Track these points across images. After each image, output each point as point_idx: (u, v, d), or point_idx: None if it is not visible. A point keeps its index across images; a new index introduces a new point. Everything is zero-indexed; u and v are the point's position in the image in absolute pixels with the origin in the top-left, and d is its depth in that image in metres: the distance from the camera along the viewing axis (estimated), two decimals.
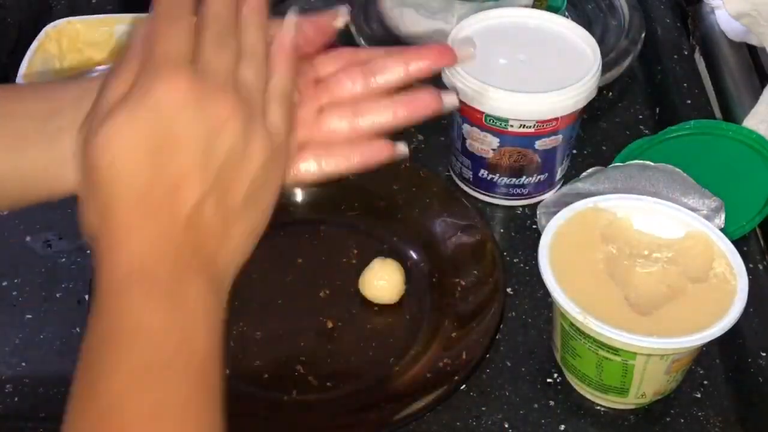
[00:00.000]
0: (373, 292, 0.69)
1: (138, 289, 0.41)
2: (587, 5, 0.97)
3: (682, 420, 0.64)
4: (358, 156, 0.50)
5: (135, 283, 0.41)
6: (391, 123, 0.51)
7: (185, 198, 0.42)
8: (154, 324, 0.40)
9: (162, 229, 0.42)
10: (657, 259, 0.62)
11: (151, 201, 0.42)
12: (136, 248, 0.42)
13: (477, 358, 0.63)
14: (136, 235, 0.42)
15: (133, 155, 0.42)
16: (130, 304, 0.41)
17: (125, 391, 0.39)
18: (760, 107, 0.78)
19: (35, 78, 0.80)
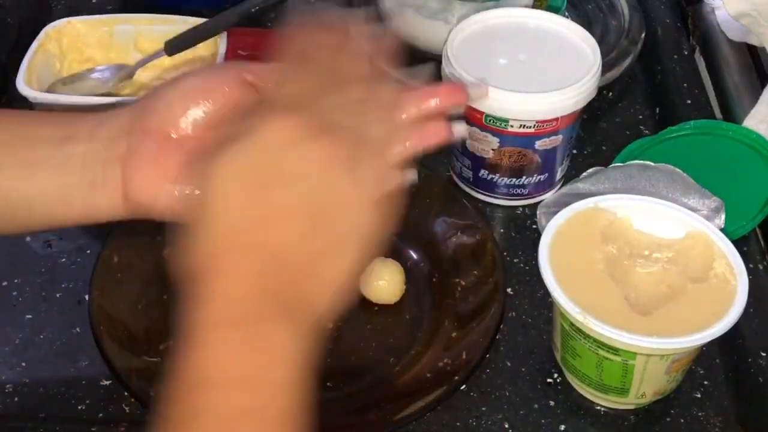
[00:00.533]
0: (373, 292, 0.69)
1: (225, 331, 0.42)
2: (587, 5, 0.97)
3: (682, 420, 0.64)
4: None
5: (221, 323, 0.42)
6: (401, 153, 0.50)
7: (280, 237, 0.43)
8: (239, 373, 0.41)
9: (256, 270, 0.43)
10: (657, 259, 0.62)
11: (248, 236, 0.43)
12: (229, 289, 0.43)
13: (477, 358, 0.63)
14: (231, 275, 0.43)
15: (236, 190, 0.44)
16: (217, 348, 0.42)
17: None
18: (760, 107, 0.78)
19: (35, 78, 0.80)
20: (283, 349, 0.42)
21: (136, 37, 0.85)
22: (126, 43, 0.85)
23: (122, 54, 0.85)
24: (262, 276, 0.43)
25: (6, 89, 0.86)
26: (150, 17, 0.85)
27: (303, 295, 0.44)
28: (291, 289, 0.43)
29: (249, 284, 0.43)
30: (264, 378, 0.41)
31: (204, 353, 0.41)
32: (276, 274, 0.43)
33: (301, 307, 0.44)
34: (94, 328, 0.63)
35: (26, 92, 0.77)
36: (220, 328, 0.42)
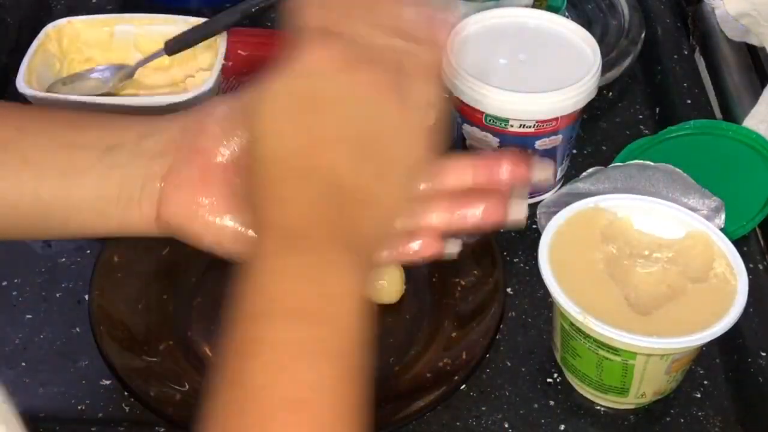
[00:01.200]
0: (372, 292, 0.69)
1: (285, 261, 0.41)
2: (587, 5, 0.97)
3: (682, 420, 0.64)
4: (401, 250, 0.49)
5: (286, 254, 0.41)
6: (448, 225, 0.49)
7: (331, 162, 0.43)
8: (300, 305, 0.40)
9: (312, 196, 0.43)
10: (657, 259, 0.62)
11: (303, 166, 0.43)
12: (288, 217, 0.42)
13: (477, 358, 0.63)
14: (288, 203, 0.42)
15: (285, 119, 0.44)
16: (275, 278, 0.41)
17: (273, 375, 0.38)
18: (760, 107, 0.78)
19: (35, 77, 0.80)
20: (343, 280, 0.41)
21: (136, 37, 0.85)
22: (126, 43, 0.85)
23: (122, 54, 0.85)
24: (317, 202, 0.42)
25: (6, 89, 0.86)
26: (150, 17, 0.85)
27: (358, 221, 0.43)
28: (347, 215, 0.43)
29: (305, 210, 0.42)
30: (324, 309, 0.40)
31: (262, 282, 0.41)
32: (331, 199, 0.43)
33: (358, 235, 0.43)
34: (94, 328, 0.63)
35: (26, 92, 0.77)
36: (279, 255, 0.41)
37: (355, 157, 0.44)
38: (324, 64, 0.44)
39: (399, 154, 0.45)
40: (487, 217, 0.49)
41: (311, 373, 0.39)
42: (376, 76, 0.45)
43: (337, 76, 0.44)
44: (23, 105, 0.66)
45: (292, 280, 0.41)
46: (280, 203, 0.43)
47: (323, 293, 0.41)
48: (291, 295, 0.40)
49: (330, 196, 0.43)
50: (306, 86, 0.44)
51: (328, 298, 0.41)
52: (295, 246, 0.41)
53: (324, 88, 0.44)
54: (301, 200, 0.43)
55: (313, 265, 0.41)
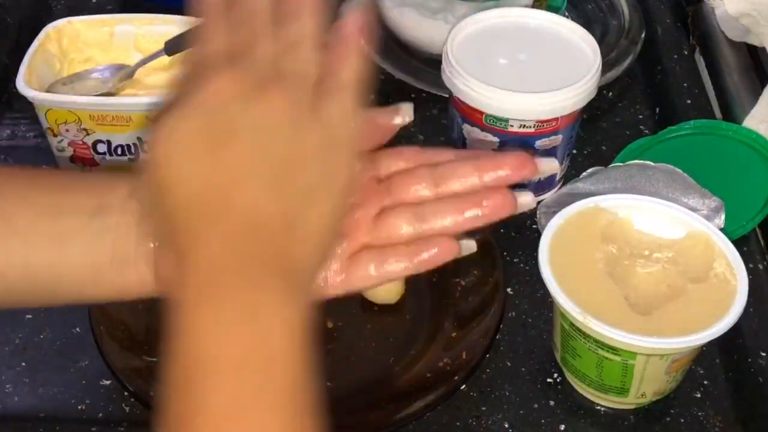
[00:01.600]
0: (373, 292, 0.69)
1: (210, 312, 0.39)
2: (587, 5, 0.97)
3: (682, 420, 0.64)
4: (420, 257, 0.48)
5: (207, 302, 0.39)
6: (458, 227, 0.48)
7: (242, 196, 0.40)
8: (231, 354, 0.38)
9: (225, 234, 0.40)
10: (657, 259, 0.62)
11: (210, 204, 0.40)
12: (203, 260, 0.40)
13: (477, 358, 0.63)
14: (200, 245, 0.40)
15: (186, 158, 0.41)
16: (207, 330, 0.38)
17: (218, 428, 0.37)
18: (760, 107, 0.78)
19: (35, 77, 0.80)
20: (278, 316, 0.39)
21: (136, 37, 0.85)
22: (126, 43, 0.85)
23: (122, 54, 0.85)
24: (238, 241, 0.40)
25: (6, 89, 0.86)
26: (150, 17, 0.85)
27: (286, 252, 0.41)
28: (272, 250, 0.40)
29: (227, 252, 0.39)
30: (263, 353, 0.38)
31: (194, 337, 0.38)
32: (252, 237, 0.40)
33: (288, 267, 0.40)
34: (94, 328, 0.63)
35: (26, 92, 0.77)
36: (205, 304, 0.39)
37: (274, 186, 0.41)
38: (222, 96, 0.41)
39: (324, 175, 0.42)
40: (497, 210, 0.47)
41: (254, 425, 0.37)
42: (286, 97, 0.42)
43: (237, 107, 0.41)
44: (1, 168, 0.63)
45: (219, 337, 0.38)
46: (197, 248, 0.40)
47: (254, 337, 0.38)
48: (226, 345, 0.38)
49: (251, 229, 0.40)
50: (206, 120, 0.41)
51: (261, 342, 0.38)
52: (219, 290, 0.39)
53: (225, 122, 0.41)
54: (219, 240, 0.40)
55: (240, 308, 0.39)
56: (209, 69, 0.42)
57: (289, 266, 0.41)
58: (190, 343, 0.38)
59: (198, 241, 0.40)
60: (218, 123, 0.41)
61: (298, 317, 0.40)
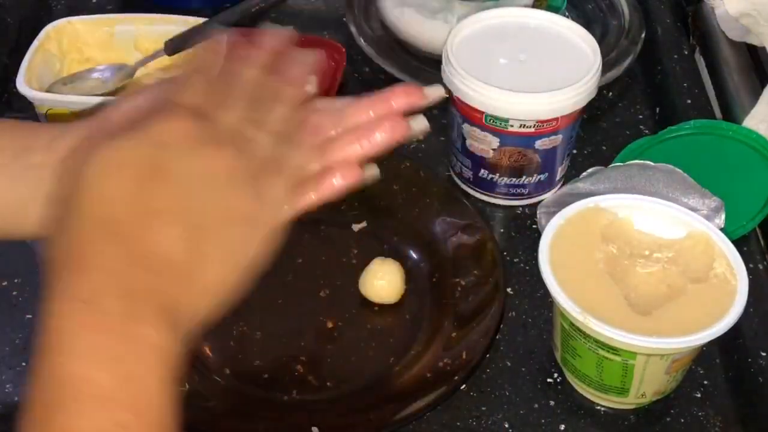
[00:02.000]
0: (373, 292, 0.69)
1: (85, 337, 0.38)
2: (587, 5, 0.97)
3: (682, 420, 0.64)
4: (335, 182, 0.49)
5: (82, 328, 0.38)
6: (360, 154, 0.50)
7: (154, 231, 0.41)
8: (102, 384, 0.38)
9: (124, 257, 0.40)
10: (657, 259, 0.62)
11: (123, 228, 0.41)
12: (88, 278, 0.39)
13: (477, 358, 0.63)
14: (94, 263, 0.40)
15: (116, 181, 0.41)
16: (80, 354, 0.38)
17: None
18: (760, 107, 0.78)
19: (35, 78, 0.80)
20: (145, 358, 0.39)
21: (136, 37, 0.85)
22: (126, 43, 0.85)
23: (122, 54, 0.85)
24: (133, 273, 0.40)
25: (6, 89, 0.86)
26: (150, 17, 0.85)
27: (175, 298, 0.41)
28: (163, 291, 0.41)
29: (119, 280, 0.40)
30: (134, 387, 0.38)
31: (66, 358, 0.38)
32: (148, 274, 0.40)
33: (172, 310, 0.41)
34: None
35: (26, 92, 0.77)
36: (83, 327, 0.38)
37: (188, 237, 0.42)
38: (175, 136, 0.42)
39: (238, 243, 0.44)
40: (393, 133, 0.50)
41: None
42: (233, 161, 0.43)
43: (185, 151, 0.42)
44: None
45: (91, 364, 0.38)
46: (91, 269, 0.40)
47: (125, 378, 0.38)
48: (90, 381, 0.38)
49: (149, 265, 0.40)
50: (149, 153, 0.42)
51: (131, 383, 0.38)
52: (96, 324, 0.39)
53: (168, 160, 0.42)
54: (116, 268, 0.40)
55: (114, 346, 0.38)
56: (173, 110, 0.43)
57: (173, 310, 0.41)
58: (61, 364, 0.38)
59: (95, 259, 0.40)
60: (160, 158, 0.42)
61: (171, 356, 0.40)
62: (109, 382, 0.38)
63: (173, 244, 0.41)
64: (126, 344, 0.39)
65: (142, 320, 0.39)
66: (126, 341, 0.39)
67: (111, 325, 0.39)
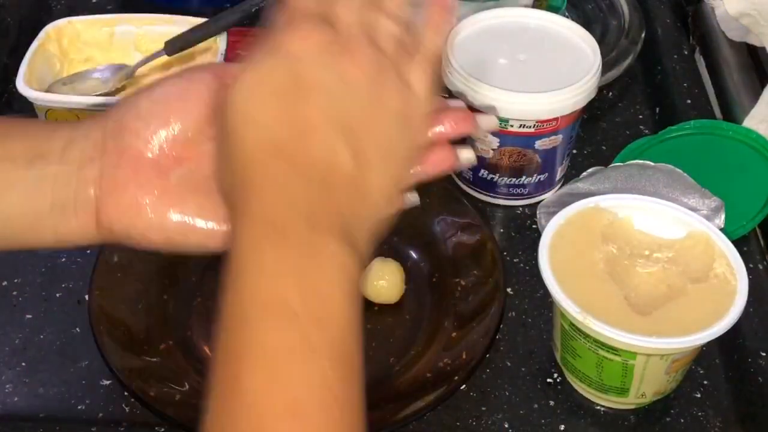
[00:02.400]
0: (373, 292, 0.69)
1: (270, 254, 0.39)
2: (587, 5, 0.97)
3: (682, 420, 0.64)
4: None
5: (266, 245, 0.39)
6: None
7: (318, 147, 0.41)
8: (287, 297, 0.38)
9: (295, 180, 0.40)
10: (657, 259, 0.62)
11: (283, 151, 0.41)
12: (269, 203, 0.40)
13: (477, 358, 0.63)
14: (268, 189, 0.40)
15: (264, 104, 0.41)
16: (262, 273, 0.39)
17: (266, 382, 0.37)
18: (760, 107, 0.78)
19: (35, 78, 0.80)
20: (332, 276, 0.39)
21: (136, 37, 0.85)
22: (126, 43, 0.85)
23: (122, 54, 0.85)
24: (305, 187, 0.40)
25: (6, 89, 0.86)
26: (150, 17, 0.85)
27: (350, 210, 0.41)
28: (337, 204, 0.41)
29: (289, 200, 0.40)
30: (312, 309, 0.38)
31: (245, 282, 0.39)
32: (319, 189, 0.40)
33: (349, 225, 0.41)
34: (94, 328, 0.63)
35: (26, 92, 0.77)
36: (261, 251, 0.39)
37: (349, 140, 0.42)
38: (309, 46, 0.42)
39: (396, 142, 0.43)
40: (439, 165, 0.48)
41: (302, 376, 0.37)
42: (372, 59, 0.42)
43: (324, 59, 0.42)
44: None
45: (277, 279, 0.39)
46: (262, 194, 0.40)
47: (310, 292, 0.39)
48: (277, 295, 0.38)
49: (318, 185, 0.41)
50: (289, 70, 0.42)
51: (316, 297, 0.39)
52: (278, 240, 0.39)
53: (310, 71, 0.41)
54: (285, 190, 0.40)
55: (298, 260, 0.39)
56: (298, 22, 0.43)
57: (348, 219, 0.41)
58: (248, 282, 0.39)
59: (266, 183, 0.40)
60: (301, 73, 0.41)
61: (353, 267, 0.40)
62: (297, 298, 0.38)
63: (337, 154, 0.41)
64: (310, 259, 0.39)
65: (323, 234, 0.40)
66: (310, 256, 0.39)
67: (295, 242, 0.39)
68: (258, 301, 0.38)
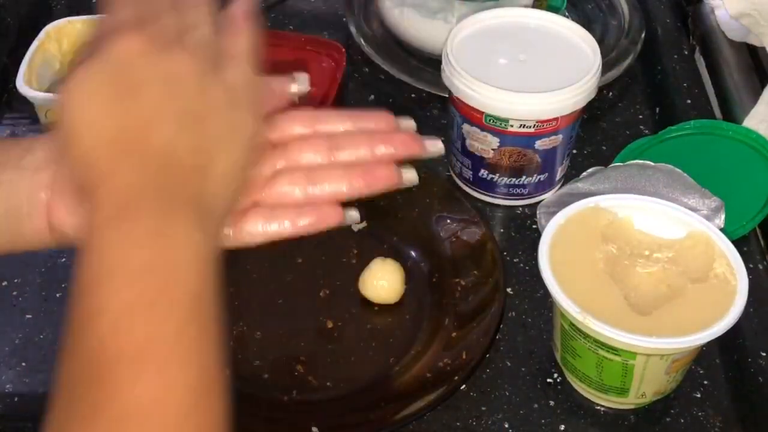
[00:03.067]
0: (373, 292, 0.69)
1: (119, 229, 0.40)
2: (587, 5, 0.97)
3: (682, 420, 0.64)
4: (306, 221, 0.50)
5: (117, 222, 0.40)
6: (345, 194, 0.50)
7: (156, 136, 0.43)
8: (136, 262, 0.39)
9: (138, 168, 0.42)
10: (657, 259, 0.62)
11: (123, 143, 0.42)
12: (115, 189, 0.41)
13: (477, 358, 0.63)
14: (113, 177, 0.41)
15: (97, 104, 0.43)
16: (111, 243, 0.40)
17: (110, 332, 0.38)
18: (760, 107, 0.78)
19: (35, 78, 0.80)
20: (188, 236, 0.41)
21: None
22: None
23: None
24: (151, 174, 0.42)
25: (6, 89, 0.86)
26: None
27: (197, 187, 0.43)
28: (184, 183, 0.43)
29: (140, 181, 0.41)
30: (167, 264, 0.40)
31: (100, 249, 0.40)
32: (165, 171, 0.42)
33: (198, 201, 0.43)
34: None
35: (26, 92, 0.77)
36: (115, 224, 0.40)
37: (185, 129, 0.43)
38: (133, 49, 0.43)
39: (229, 127, 0.45)
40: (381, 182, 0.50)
41: (149, 330, 0.38)
42: (191, 56, 0.45)
43: (148, 58, 0.44)
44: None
45: (126, 244, 0.40)
46: (111, 176, 0.42)
47: (160, 250, 0.40)
48: (125, 257, 0.39)
49: (165, 162, 0.42)
50: (116, 70, 0.43)
51: (166, 254, 0.40)
52: (128, 215, 0.41)
53: (136, 70, 0.43)
54: (129, 173, 0.42)
55: (149, 227, 0.40)
56: (118, 30, 0.44)
57: (199, 200, 0.43)
58: (97, 255, 0.40)
59: (111, 173, 0.42)
60: (127, 74, 0.43)
61: (204, 245, 0.42)
62: (143, 260, 0.39)
63: (174, 143, 0.43)
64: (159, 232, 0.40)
65: (171, 214, 0.41)
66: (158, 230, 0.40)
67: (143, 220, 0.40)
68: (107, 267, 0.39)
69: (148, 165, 0.42)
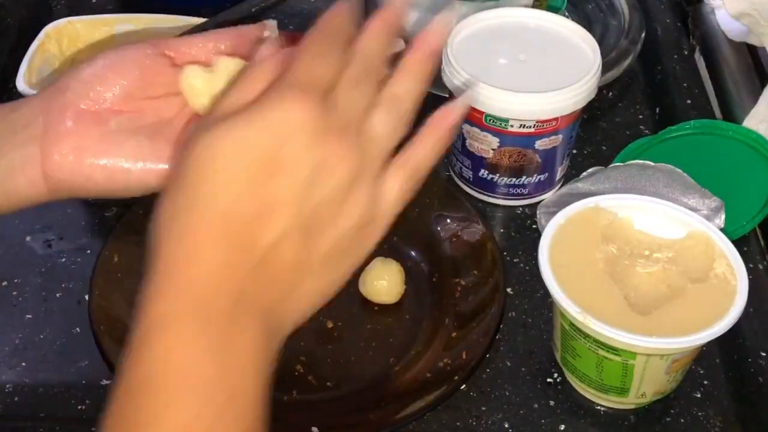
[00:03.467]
0: (373, 292, 0.69)
1: (191, 325, 0.38)
2: (587, 5, 0.97)
3: (682, 420, 0.64)
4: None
5: (188, 316, 0.38)
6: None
7: (270, 227, 0.39)
8: (204, 372, 0.37)
9: (234, 255, 0.39)
10: (657, 259, 0.62)
11: (233, 220, 0.39)
12: (200, 270, 0.38)
13: (477, 358, 0.63)
14: (204, 255, 0.39)
15: (232, 165, 0.39)
16: (180, 342, 0.37)
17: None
18: (760, 107, 0.78)
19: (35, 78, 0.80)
20: (251, 356, 0.39)
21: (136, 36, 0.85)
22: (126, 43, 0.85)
23: None
24: (242, 274, 0.39)
25: (6, 89, 0.86)
26: (150, 17, 0.85)
27: (279, 305, 0.40)
28: (268, 296, 0.40)
29: (226, 279, 0.38)
30: (226, 385, 0.37)
31: (160, 349, 0.37)
32: (257, 276, 0.39)
33: (273, 313, 0.40)
34: (94, 328, 0.63)
35: (26, 92, 0.77)
36: (184, 322, 0.38)
37: (301, 236, 0.40)
38: (299, 121, 0.39)
39: (347, 250, 0.42)
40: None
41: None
42: (355, 155, 0.40)
43: (309, 140, 0.39)
44: None
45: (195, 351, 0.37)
46: (199, 263, 0.38)
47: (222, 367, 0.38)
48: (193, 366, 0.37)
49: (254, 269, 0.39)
50: (269, 141, 0.39)
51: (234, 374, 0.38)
52: (205, 316, 0.38)
53: (290, 149, 0.39)
54: (224, 266, 0.39)
55: (222, 338, 0.38)
56: (293, 90, 0.40)
57: (273, 319, 0.40)
58: (154, 353, 0.38)
59: (205, 254, 0.39)
60: (280, 148, 0.39)
61: (267, 362, 0.40)
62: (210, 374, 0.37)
63: (285, 243, 0.40)
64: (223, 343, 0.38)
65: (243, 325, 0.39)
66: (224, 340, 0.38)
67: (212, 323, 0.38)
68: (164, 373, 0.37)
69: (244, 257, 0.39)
